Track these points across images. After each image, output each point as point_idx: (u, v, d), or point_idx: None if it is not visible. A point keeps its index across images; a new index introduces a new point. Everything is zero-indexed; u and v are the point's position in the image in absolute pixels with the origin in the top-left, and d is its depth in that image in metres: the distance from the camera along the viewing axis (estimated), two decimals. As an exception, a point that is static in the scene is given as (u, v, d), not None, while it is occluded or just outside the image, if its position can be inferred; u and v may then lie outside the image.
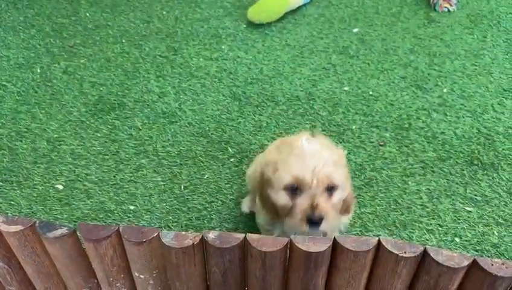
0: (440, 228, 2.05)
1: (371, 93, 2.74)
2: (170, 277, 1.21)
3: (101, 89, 2.82)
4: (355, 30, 3.23)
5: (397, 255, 1.10)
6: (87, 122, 2.58)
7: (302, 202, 1.39)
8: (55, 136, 2.50)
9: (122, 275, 1.25)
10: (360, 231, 2.05)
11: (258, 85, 2.82)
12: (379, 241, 1.12)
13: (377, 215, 2.10)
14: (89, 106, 2.69)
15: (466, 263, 1.08)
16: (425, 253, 1.10)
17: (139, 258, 1.17)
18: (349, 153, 2.38)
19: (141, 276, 1.22)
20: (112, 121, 2.59)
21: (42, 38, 3.22)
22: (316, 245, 1.11)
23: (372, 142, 2.44)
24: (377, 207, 2.13)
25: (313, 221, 1.37)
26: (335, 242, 1.13)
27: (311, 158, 1.40)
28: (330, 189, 1.43)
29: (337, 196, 1.46)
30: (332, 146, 1.57)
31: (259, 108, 2.66)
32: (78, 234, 1.22)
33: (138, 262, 1.19)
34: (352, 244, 1.12)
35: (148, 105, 2.69)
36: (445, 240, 2.01)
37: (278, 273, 1.19)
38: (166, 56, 3.04)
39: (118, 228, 1.14)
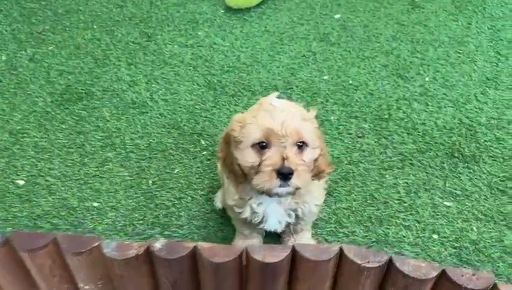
0: (418, 224, 1.97)
1: (350, 82, 2.64)
2: (117, 287, 1.11)
3: (69, 77, 2.68)
4: (337, 16, 3.11)
5: (360, 264, 1.01)
6: (53, 113, 2.45)
7: (272, 156, 1.34)
8: (18, 128, 2.37)
9: (66, 286, 1.15)
10: (335, 227, 1.96)
11: (235, 73, 2.70)
12: (341, 249, 1.03)
13: (352, 211, 2.02)
14: (55, 96, 2.55)
15: (434, 273, 1.00)
16: (390, 262, 1.02)
17: (81, 268, 1.07)
18: (326, 145, 2.28)
19: (86, 287, 1.12)
20: (78, 112, 2.46)
21: (9, 24, 3.06)
22: (272, 255, 1.02)
23: (350, 133, 2.35)
24: (353, 202, 2.05)
25: (284, 173, 1.31)
26: (294, 251, 1.04)
27: (280, 112, 1.36)
28: (300, 146, 1.39)
29: (308, 154, 1.41)
30: (302, 107, 1.52)
31: (235, 98, 2.55)
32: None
33: (81, 272, 1.09)
34: (312, 253, 1.03)
35: (117, 94, 2.56)
36: (423, 237, 1.93)
37: (234, 283, 1.10)
38: (139, 42, 2.91)
39: (55, 237, 1.03)
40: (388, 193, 2.09)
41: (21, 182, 2.11)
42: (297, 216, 1.61)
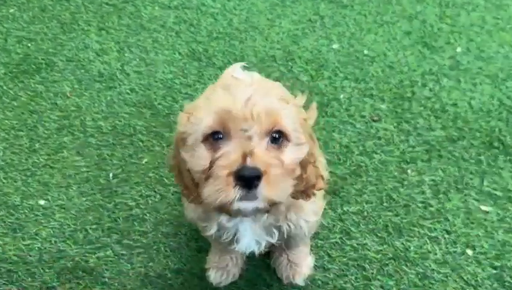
0: (447, 235, 1.54)
1: (365, 52, 2.17)
2: None
3: (29, 45, 2.25)
4: (350, -27, 2.61)
5: None
6: (4, 88, 2.04)
7: (228, 151, 0.88)
8: (-40, 105, 1.97)
9: None
10: (341, 237, 1.54)
11: (225, 41, 2.24)
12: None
13: (364, 217, 1.59)
14: (9, 67, 2.14)
15: None
16: None
17: None
18: (333, 131, 1.84)
19: None
20: (34, 86, 2.04)
21: (-34, -18, 2.62)
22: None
23: (363, 116, 1.90)
24: (365, 205, 1.62)
25: (245, 178, 0.84)
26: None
27: (245, 87, 0.91)
28: (276, 138, 0.92)
29: (289, 153, 0.94)
30: (283, 87, 1.02)
31: (223, 70, 2.09)
32: None
33: None
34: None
35: (82, 66, 2.13)
36: (454, 252, 1.50)
37: None
38: (113, 4, 2.45)
39: None
40: (410, 193, 1.65)
41: (-47, 173, 1.72)
42: (282, 234, 1.15)
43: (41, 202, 1.63)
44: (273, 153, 0.91)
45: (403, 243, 1.53)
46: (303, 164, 0.98)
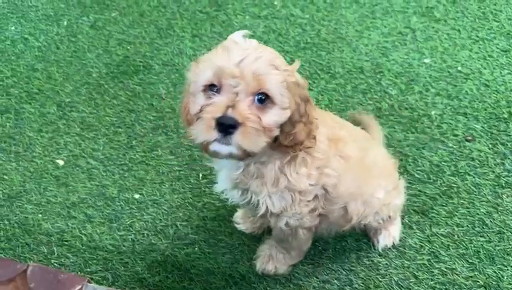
0: (546, 268, 1.44)
1: (459, 68, 2.09)
2: None
3: (128, 48, 2.41)
4: (445, -14, 2.53)
5: None
6: (106, 86, 2.20)
7: (217, 102, 1.04)
8: (68, 100, 2.15)
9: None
10: (429, 259, 1.49)
11: (312, 51, 2.26)
12: None
13: (454, 240, 1.53)
14: (111, 67, 2.30)
15: None
16: None
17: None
18: (423, 148, 1.79)
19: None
20: (133, 87, 2.18)
21: (76, -13, 2.86)
22: None
23: (456, 135, 1.83)
24: (456, 228, 1.56)
25: (223, 124, 1.00)
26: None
27: (240, 50, 1.05)
28: (262, 100, 1.06)
29: (271, 115, 1.07)
30: (278, 55, 1.11)
31: (309, 80, 2.12)
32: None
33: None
34: None
35: (177, 70, 2.25)
36: (554, 287, 1.41)
37: None
38: (207, 12, 2.56)
39: (27, 268, 0.71)
40: (505, 219, 1.57)
41: (61, 162, 1.88)
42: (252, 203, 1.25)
43: (136, 196, 1.74)
44: (255, 110, 1.04)
45: (495, 272, 1.45)
46: (292, 121, 1.10)
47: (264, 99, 1.05)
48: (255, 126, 1.02)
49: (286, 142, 1.13)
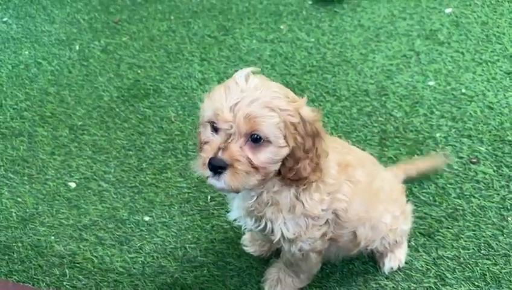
0: (553, 292, 1.45)
1: (463, 91, 2.13)
2: None
3: (139, 71, 2.48)
4: (447, 10, 2.58)
5: None
6: (117, 110, 2.25)
7: (214, 141, 1.12)
8: (80, 123, 2.20)
9: None
10: (435, 282, 1.51)
11: (318, 74, 2.32)
12: None
13: (459, 263, 1.54)
14: (122, 91, 2.36)
15: None
16: None
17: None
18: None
19: None
20: (143, 110, 2.24)
21: (87, 13, 2.96)
22: None
23: (461, 157, 1.85)
24: (461, 251, 1.57)
25: (213, 165, 1.09)
26: None
27: (237, 93, 1.09)
28: (257, 139, 1.10)
29: (265, 153, 1.11)
30: (285, 92, 1.14)
31: (315, 103, 2.17)
32: None
33: None
34: None
35: (186, 93, 2.30)
36: (561, 311, 1.41)
37: None
38: (215, 36, 2.63)
39: None
40: (510, 242, 1.58)
41: (73, 185, 1.92)
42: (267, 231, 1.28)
43: (146, 218, 1.78)
44: (248, 151, 1.09)
45: (502, 295, 1.46)
46: (295, 157, 1.14)
47: (258, 138, 1.10)
48: (243, 168, 1.09)
49: (289, 176, 1.16)
